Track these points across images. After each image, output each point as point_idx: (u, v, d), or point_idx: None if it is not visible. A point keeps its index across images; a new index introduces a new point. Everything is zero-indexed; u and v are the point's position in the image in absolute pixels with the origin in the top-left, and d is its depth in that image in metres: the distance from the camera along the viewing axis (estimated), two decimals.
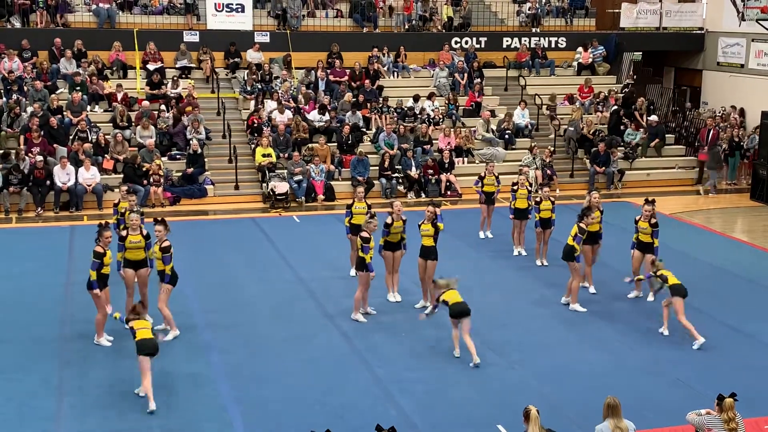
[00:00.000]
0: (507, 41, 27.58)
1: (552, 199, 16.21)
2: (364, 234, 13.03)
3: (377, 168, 22.38)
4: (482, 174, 18.01)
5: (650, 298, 14.06)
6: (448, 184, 22.47)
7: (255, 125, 23.02)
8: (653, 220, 14.10)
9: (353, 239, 14.95)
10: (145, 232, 12.63)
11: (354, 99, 24.33)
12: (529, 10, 28.44)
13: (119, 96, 23.09)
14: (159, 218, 12.41)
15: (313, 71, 25.07)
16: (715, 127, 24.54)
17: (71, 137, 21.58)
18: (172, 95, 23.50)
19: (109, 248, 11.91)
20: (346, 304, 13.70)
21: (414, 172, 22.32)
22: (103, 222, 12.30)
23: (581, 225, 13.64)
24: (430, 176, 22.36)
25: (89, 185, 20.34)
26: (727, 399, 8.05)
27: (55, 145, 21.24)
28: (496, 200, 18.03)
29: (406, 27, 27.26)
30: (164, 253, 12.03)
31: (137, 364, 10.30)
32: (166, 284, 12.17)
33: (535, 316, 13.57)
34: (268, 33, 25.88)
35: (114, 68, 24.33)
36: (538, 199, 16.15)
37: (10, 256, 16.58)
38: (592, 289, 14.57)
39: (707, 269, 16.28)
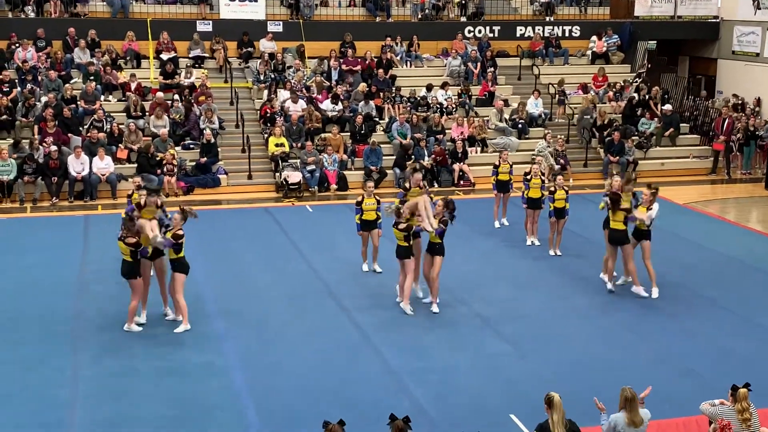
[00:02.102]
0: (521, 30, 27.46)
1: (566, 188, 16.14)
2: (401, 225, 12.81)
3: (391, 158, 22.37)
4: (497, 163, 17.95)
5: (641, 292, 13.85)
6: (461, 173, 22.43)
7: (268, 115, 23.03)
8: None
9: (364, 235, 14.88)
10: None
11: (367, 89, 24.31)
12: None
13: (133, 86, 23.15)
14: (182, 207, 12.40)
15: (326, 61, 25.06)
16: (730, 116, 24.39)
17: (86, 126, 21.66)
18: (186, 85, 23.54)
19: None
20: (359, 294, 13.72)
21: (427, 162, 22.29)
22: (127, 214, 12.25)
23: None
24: (438, 163, 22.30)
25: (103, 175, 20.42)
26: (741, 389, 8.03)
27: (69, 135, 21.32)
28: (511, 188, 17.97)
29: (420, 16, 27.18)
30: (176, 241, 12.02)
31: None
32: (176, 273, 12.20)
33: (547, 307, 13.51)
34: (281, 22, 25.87)
35: (127, 58, 24.39)
36: (552, 189, 16.06)
37: (25, 245, 16.66)
38: (609, 285, 14.23)
39: (721, 259, 16.19)
